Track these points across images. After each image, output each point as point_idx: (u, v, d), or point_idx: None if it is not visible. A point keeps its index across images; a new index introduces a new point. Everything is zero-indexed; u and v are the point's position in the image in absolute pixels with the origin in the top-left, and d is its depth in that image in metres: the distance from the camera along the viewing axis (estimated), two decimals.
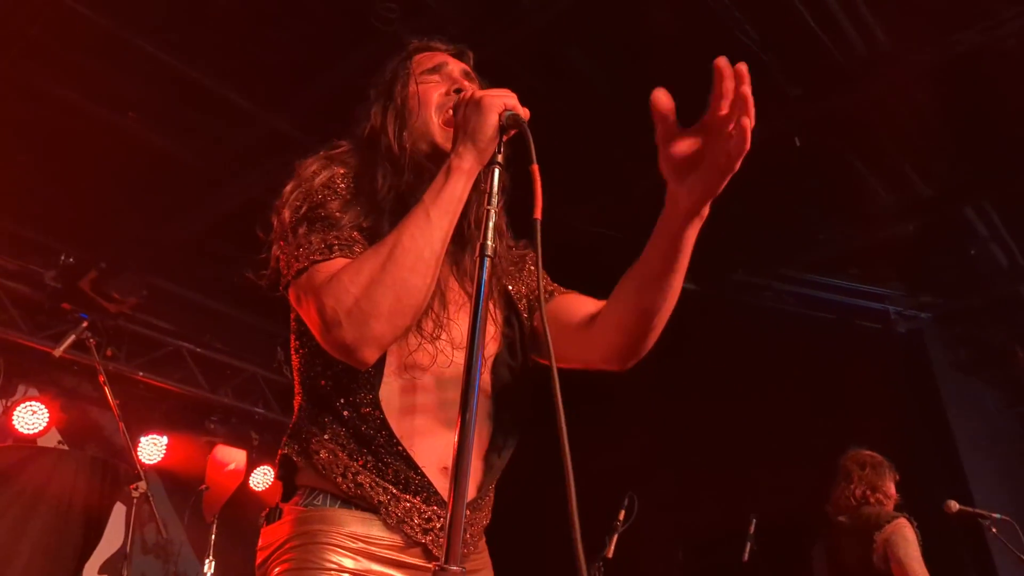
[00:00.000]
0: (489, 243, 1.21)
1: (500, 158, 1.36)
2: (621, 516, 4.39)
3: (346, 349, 1.34)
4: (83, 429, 6.27)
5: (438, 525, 1.44)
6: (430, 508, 1.45)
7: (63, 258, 5.65)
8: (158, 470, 6.38)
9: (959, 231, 5.85)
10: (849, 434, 6.06)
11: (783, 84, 4.56)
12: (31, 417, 5.81)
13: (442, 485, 1.46)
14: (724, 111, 1.24)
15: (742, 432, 6.70)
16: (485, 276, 1.19)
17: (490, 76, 1.79)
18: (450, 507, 1.05)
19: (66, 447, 5.61)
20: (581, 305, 1.67)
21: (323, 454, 1.45)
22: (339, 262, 1.39)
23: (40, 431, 5.80)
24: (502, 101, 1.38)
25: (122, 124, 4.87)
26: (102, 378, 3.98)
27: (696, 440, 6.94)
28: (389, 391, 1.46)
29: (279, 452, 1.56)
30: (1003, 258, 6.22)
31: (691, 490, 6.88)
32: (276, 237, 1.53)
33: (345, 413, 1.45)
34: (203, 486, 6.10)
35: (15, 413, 5.78)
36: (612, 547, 4.28)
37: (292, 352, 1.61)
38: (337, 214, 1.48)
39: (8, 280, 5.56)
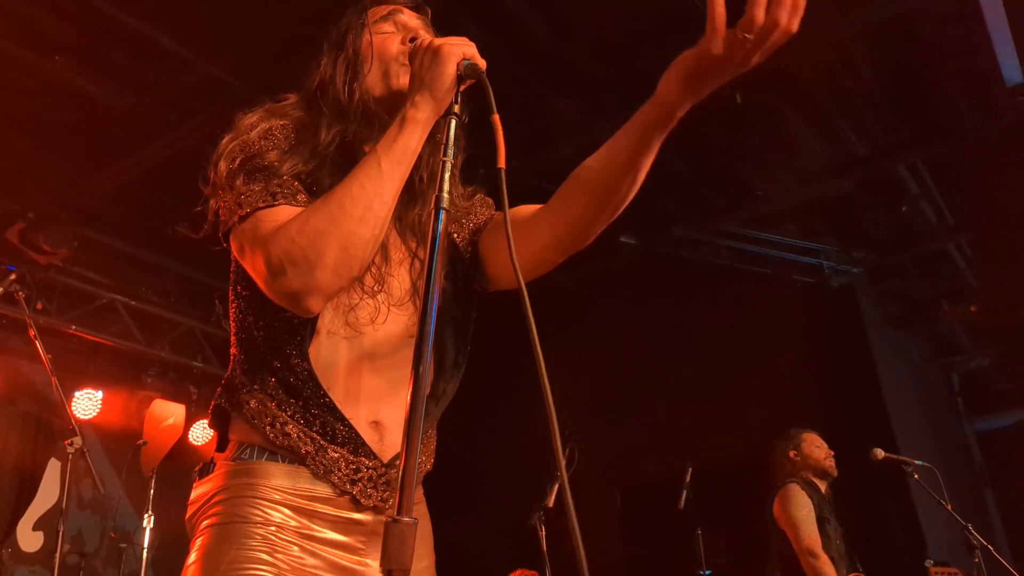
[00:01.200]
0: (445, 195, 1.19)
1: (457, 108, 1.32)
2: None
3: (291, 297, 1.32)
4: (14, 385, 6.10)
5: (365, 476, 1.44)
6: (358, 459, 1.44)
7: None
8: (94, 425, 6.27)
9: (892, 188, 6.01)
10: (782, 386, 6.28)
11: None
12: None
13: (371, 437, 1.45)
14: (763, 16, 1.19)
15: (679, 383, 6.86)
16: (440, 228, 1.17)
17: (437, 27, 1.76)
18: (403, 460, 1.04)
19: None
20: (524, 209, 1.65)
21: (253, 404, 1.44)
22: (284, 210, 1.37)
23: None
24: (460, 50, 1.36)
25: (49, 67, 4.67)
26: (32, 332, 3.87)
27: (634, 390, 7.09)
28: (320, 344, 1.45)
29: (212, 403, 1.54)
30: (932, 215, 6.43)
31: (629, 440, 7.04)
32: (213, 190, 1.49)
33: (276, 363, 1.44)
34: (141, 441, 6.01)
35: None
36: (552, 496, 4.36)
37: (229, 303, 1.59)
38: (276, 164, 1.44)
39: None
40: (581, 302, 7.24)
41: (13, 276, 3.87)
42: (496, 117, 1.25)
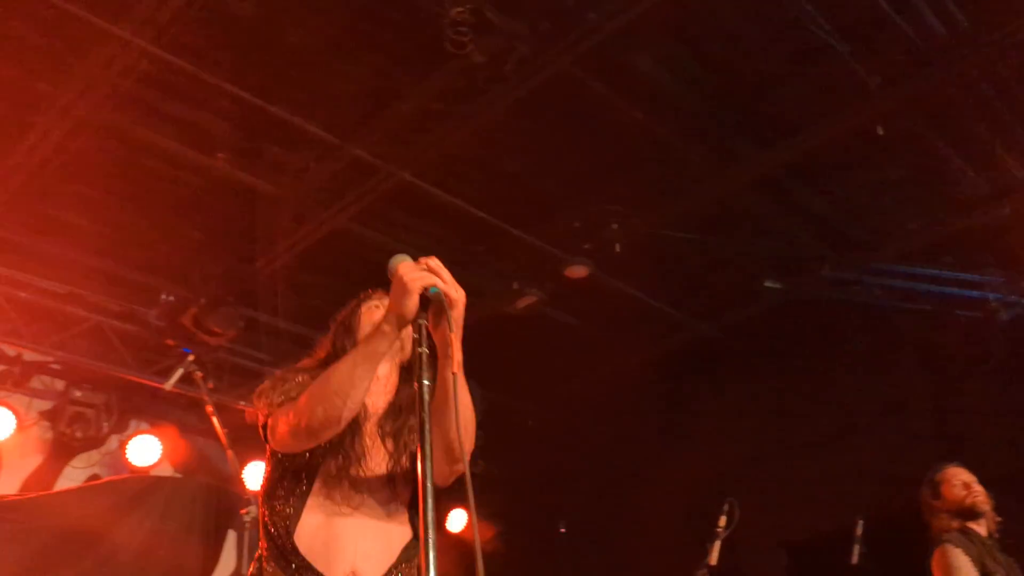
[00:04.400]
0: (426, 383, 1.61)
1: (424, 322, 1.74)
2: (722, 522, 4.32)
3: (290, 437, 1.91)
4: (192, 459, 6.53)
5: None
6: None
7: (164, 296, 5.92)
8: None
9: None
10: (952, 428, 5.87)
11: (861, 74, 4.47)
12: (144, 450, 6.09)
13: None
14: None
15: (840, 430, 6.54)
16: (427, 402, 1.58)
17: (562, 89, 1.86)
18: None
19: (180, 476, 5.85)
20: None
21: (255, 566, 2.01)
22: (289, 407, 1.96)
23: (153, 463, 6.08)
24: (420, 284, 1.76)
25: (211, 164, 5.09)
26: (209, 408, 4.15)
27: (792, 440, 6.81)
28: (310, 512, 1.97)
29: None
30: None
31: (791, 493, 6.74)
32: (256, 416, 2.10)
33: (272, 529, 1.97)
34: None
35: (128, 447, 6.07)
36: (715, 554, 4.21)
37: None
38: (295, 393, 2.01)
39: (115, 320, 5.84)
40: (727, 352, 7.07)
41: (191, 357, 4.18)
42: (454, 336, 1.71)
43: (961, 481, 3.94)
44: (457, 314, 1.78)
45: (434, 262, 1.86)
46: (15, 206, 5.18)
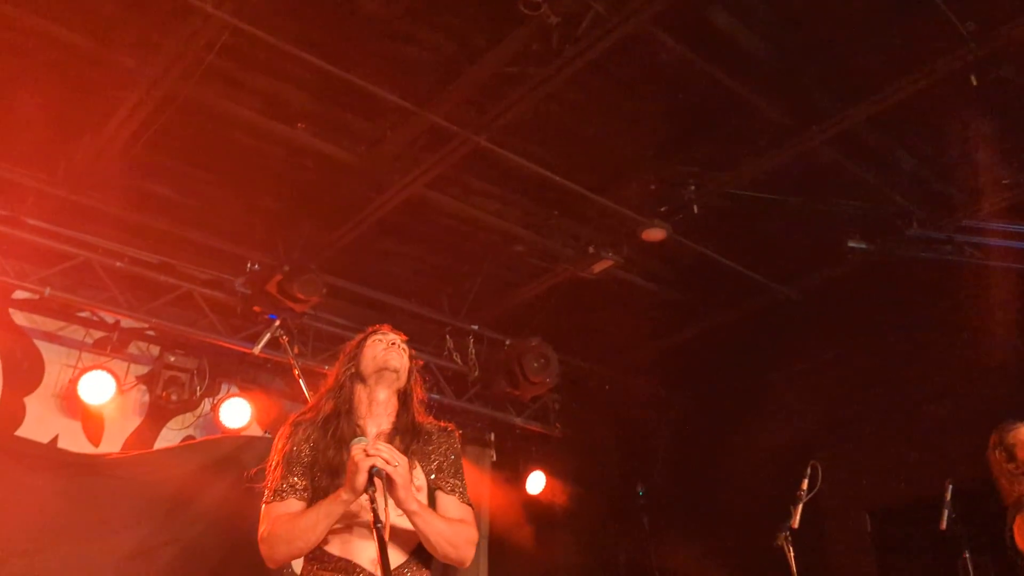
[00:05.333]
0: (386, 533, 2.26)
1: (373, 488, 2.32)
2: (804, 486, 4.27)
3: (262, 548, 2.50)
4: (280, 421, 6.73)
5: None
6: None
7: (250, 265, 6.11)
8: None
9: None
10: None
11: (953, 20, 4.27)
12: (235, 412, 6.33)
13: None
14: None
15: (928, 394, 6.36)
16: (384, 541, 2.21)
17: (638, 48, 1.82)
18: None
19: (270, 436, 6.07)
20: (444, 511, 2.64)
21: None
22: (275, 506, 2.53)
23: (244, 425, 6.32)
24: (368, 464, 2.33)
25: (293, 135, 5.20)
26: (296, 372, 4.29)
27: (877, 404, 6.66)
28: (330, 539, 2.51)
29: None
30: None
31: (876, 457, 6.60)
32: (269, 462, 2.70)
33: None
34: None
35: (221, 409, 6.32)
36: (797, 517, 4.16)
37: None
38: (294, 476, 2.59)
39: (204, 288, 6.06)
40: (810, 314, 6.92)
41: (278, 322, 4.32)
42: (381, 527, 2.26)
43: None
44: (399, 481, 2.39)
45: (376, 447, 2.41)
46: (108, 180, 5.41)
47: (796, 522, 4.14)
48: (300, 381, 4.22)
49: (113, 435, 6.10)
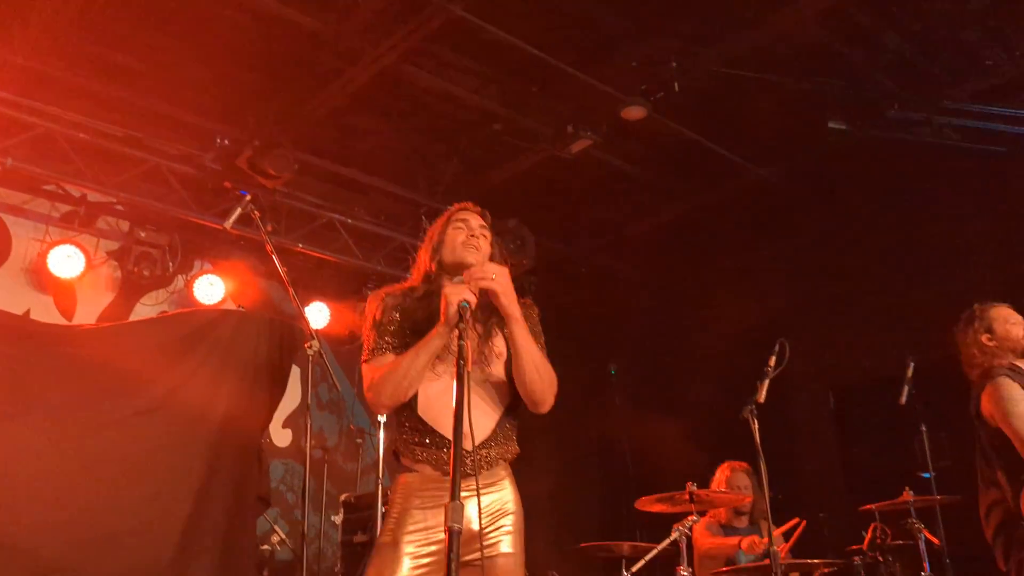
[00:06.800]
0: (469, 366, 2.29)
1: (462, 325, 2.28)
2: (771, 362, 4.36)
3: (372, 405, 2.58)
4: (255, 298, 6.77)
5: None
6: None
7: (219, 139, 5.95)
8: (324, 335, 6.83)
9: None
10: (1018, 275, 5.74)
11: None
12: (209, 288, 6.33)
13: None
14: None
15: (896, 275, 6.46)
16: (465, 381, 2.12)
17: None
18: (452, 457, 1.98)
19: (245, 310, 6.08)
20: None
21: (401, 446, 2.60)
22: (374, 362, 2.57)
23: (219, 301, 6.33)
24: (458, 298, 2.33)
25: (261, 2, 4.97)
26: (269, 248, 4.23)
27: (847, 284, 6.77)
28: (420, 402, 2.54)
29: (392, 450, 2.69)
30: None
31: (841, 336, 6.76)
32: (363, 324, 2.70)
33: (405, 422, 2.59)
34: None
35: (195, 285, 6.31)
36: (763, 392, 4.27)
37: None
38: (384, 323, 2.62)
39: (173, 162, 5.92)
40: (787, 195, 6.93)
41: (248, 197, 4.23)
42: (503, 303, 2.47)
43: (1019, 320, 3.84)
44: (499, 289, 2.44)
45: (470, 272, 2.48)
46: (66, 45, 5.17)
47: (762, 397, 4.24)
48: (273, 257, 4.18)
49: (86, 309, 6.09)
